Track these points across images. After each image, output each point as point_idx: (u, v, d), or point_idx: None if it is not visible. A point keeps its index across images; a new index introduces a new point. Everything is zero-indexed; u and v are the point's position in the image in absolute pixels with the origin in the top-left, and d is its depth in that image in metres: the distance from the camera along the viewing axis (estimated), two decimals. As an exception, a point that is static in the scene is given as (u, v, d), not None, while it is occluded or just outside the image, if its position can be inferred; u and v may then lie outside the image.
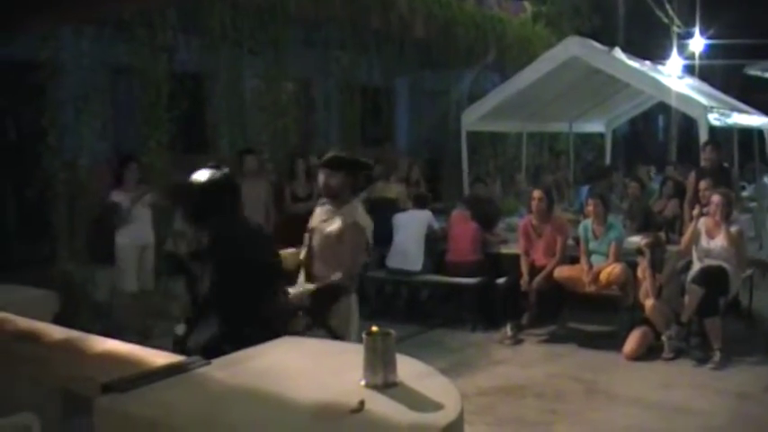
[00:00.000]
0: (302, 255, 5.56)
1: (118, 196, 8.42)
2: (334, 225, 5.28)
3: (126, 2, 6.73)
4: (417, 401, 2.47)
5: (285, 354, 3.10)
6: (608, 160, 16.01)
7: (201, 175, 4.41)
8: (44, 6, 5.38)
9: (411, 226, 9.49)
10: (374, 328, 2.66)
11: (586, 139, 17.33)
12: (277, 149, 10.95)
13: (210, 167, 4.47)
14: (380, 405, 2.43)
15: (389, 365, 2.61)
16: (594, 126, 15.95)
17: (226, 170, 4.51)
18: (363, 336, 2.66)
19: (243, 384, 2.73)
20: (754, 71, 18.39)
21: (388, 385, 2.58)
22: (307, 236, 5.56)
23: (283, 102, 11.09)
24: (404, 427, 2.31)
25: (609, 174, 13.57)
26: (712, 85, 15.01)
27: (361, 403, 2.39)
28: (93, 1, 5.82)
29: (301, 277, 5.46)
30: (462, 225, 9.44)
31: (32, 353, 3.58)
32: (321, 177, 5.41)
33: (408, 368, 2.72)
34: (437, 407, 2.41)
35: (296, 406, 2.50)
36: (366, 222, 5.36)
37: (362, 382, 2.62)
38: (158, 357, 3.18)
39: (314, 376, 2.78)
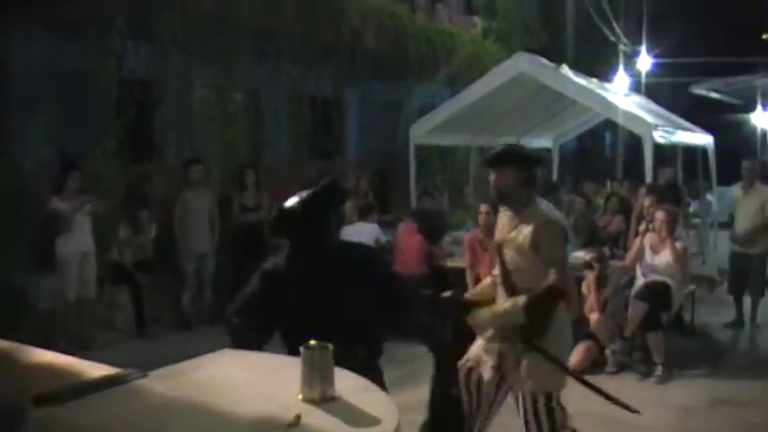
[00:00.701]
0: (494, 271, 4.85)
1: (59, 204, 8.32)
2: (522, 235, 4.47)
3: (77, 5, 6.68)
4: (354, 416, 2.46)
5: (225, 366, 3.07)
6: (555, 176, 16.16)
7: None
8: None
9: (357, 239, 9.49)
10: (312, 342, 2.66)
11: (535, 154, 17.45)
12: (225, 160, 10.90)
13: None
14: (317, 419, 2.42)
15: (327, 379, 2.60)
16: (542, 141, 16.06)
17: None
18: (301, 349, 2.65)
19: (181, 397, 2.69)
20: (699, 90, 18.76)
21: (325, 399, 2.57)
22: (492, 251, 5.02)
23: (232, 112, 11.04)
24: None
25: (555, 189, 13.72)
26: (659, 103, 15.21)
27: (298, 417, 2.38)
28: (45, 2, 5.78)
29: (500, 298, 4.67)
30: (409, 238, 9.47)
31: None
32: (490, 179, 4.62)
33: (346, 382, 2.71)
34: (374, 421, 2.40)
35: (232, 419, 2.47)
36: (557, 216, 4.72)
37: (300, 396, 2.60)
38: (96, 369, 3.12)
39: (252, 389, 2.75)
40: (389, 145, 13.97)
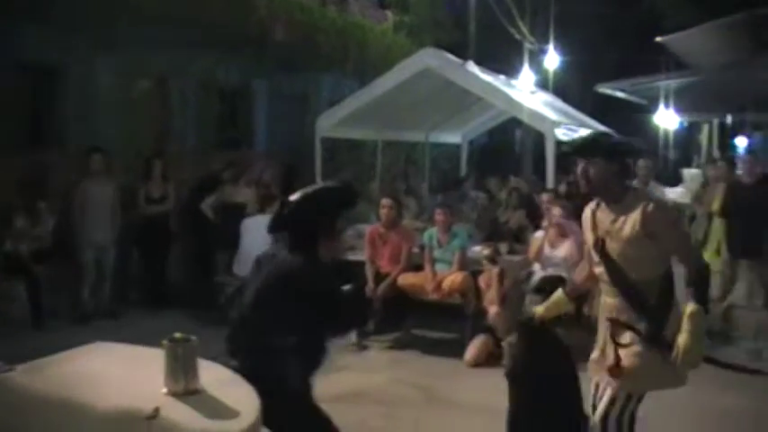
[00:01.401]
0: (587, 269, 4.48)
1: None
2: (628, 225, 4.07)
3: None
4: (215, 408, 2.49)
5: (95, 360, 3.06)
6: (463, 171, 16.33)
7: None
8: None
9: (257, 231, 9.45)
10: (177, 335, 2.66)
11: (443, 149, 17.64)
12: (129, 149, 10.74)
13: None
14: (177, 412, 2.44)
15: (191, 372, 2.62)
16: (451, 137, 16.21)
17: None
18: (165, 342, 2.65)
19: (44, 390, 2.69)
20: (604, 89, 19.11)
21: (188, 392, 2.59)
22: (589, 249, 4.35)
23: (138, 100, 10.88)
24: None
25: (460, 184, 13.91)
26: (568, 101, 15.48)
27: (156, 410, 2.39)
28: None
29: (608, 296, 4.28)
30: None
31: None
32: (578, 169, 4.23)
33: (213, 375, 2.75)
34: (233, 414, 2.44)
35: (93, 412, 2.48)
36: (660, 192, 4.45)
37: (164, 390, 2.60)
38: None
39: (118, 382, 2.75)
40: (298, 137, 13.93)
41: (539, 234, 8.80)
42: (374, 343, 8.65)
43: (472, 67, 11.31)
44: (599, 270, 4.29)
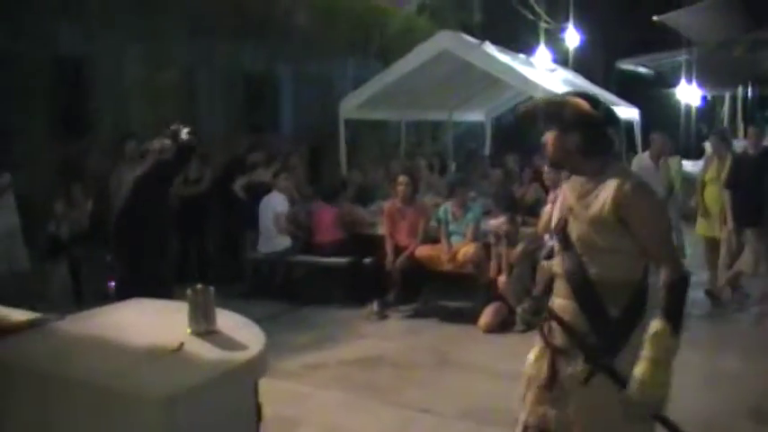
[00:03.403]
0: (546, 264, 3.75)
1: None
2: (597, 204, 3.23)
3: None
4: (229, 344, 3.03)
5: (131, 311, 3.64)
6: (487, 149, 16.70)
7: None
8: None
9: (266, 209, 10.04)
10: (198, 286, 3.17)
11: (468, 127, 18.01)
12: (160, 135, 11.22)
13: None
14: (198, 346, 2.99)
15: (209, 316, 3.15)
16: (474, 115, 16.57)
17: None
18: (188, 292, 3.16)
19: (89, 334, 3.25)
20: (625, 65, 19.41)
21: (208, 332, 3.12)
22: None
23: (165, 88, 11.36)
24: (212, 360, 2.88)
25: (481, 161, 14.34)
26: (592, 78, 15.72)
27: (181, 344, 2.93)
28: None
29: (559, 296, 3.47)
30: (323, 207, 10.08)
31: None
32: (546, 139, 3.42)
33: (230, 320, 3.29)
34: (243, 348, 2.95)
35: (130, 347, 3.01)
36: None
37: (188, 331, 3.11)
38: (21, 315, 3.63)
39: (151, 327, 3.32)
40: (322, 120, 14.33)
41: (547, 208, 9.20)
42: (394, 313, 9.10)
43: (489, 47, 11.62)
44: (557, 258, 3.48)
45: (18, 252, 8.95)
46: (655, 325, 3.02)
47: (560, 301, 3.40)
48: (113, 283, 5.75)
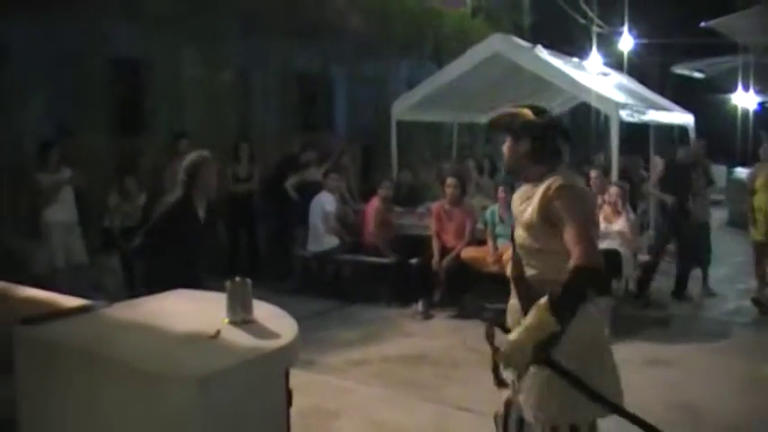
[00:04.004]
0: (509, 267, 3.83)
1: (41, 177, 8.93)
2: (529, 208, 3.53)
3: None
4: (263, 333, 3.20)
5: (174, 300, 3.83)
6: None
7: None
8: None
9: (316, 208, 10.23)
10: (236, 278, 3.34)
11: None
12: (215, 135, 11.48)
13: None
14: (234, 334, 3.17)
15: (246, 307, 3.34)
16: (528, 118, 16.49)
17: None
18: (226, 283, 3.33)
19: (134, 320, 3.46)
20: (681, 70, 19.25)
21: (245, 322, 3.31)
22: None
23: (220, 88, 11.60)
24: (245, 346, 3.06)
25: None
26: (646, 84, 15.64)
27: (217, 332, 3.10)
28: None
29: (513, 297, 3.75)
30: (371, 207, 10.30)
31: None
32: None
33: (266, 311, 3.47)
34: (276, 337, 3.12)
35: (171, 333, 3.20)
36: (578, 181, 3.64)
37: (226, 320, 3.28)
38: (71, 301, 3.84)
39: (191, 315, 3.50)
40: (375, 120, 14.46)
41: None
42: (439, 312, 9.23)
43: (540, 51, 11.64)
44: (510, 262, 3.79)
45: (75, 245, 9.25)
46: (542, 300, 3.19)
47: (512, 302, 3.71)
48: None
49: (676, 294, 10.11)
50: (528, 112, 3.61)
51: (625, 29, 16.67)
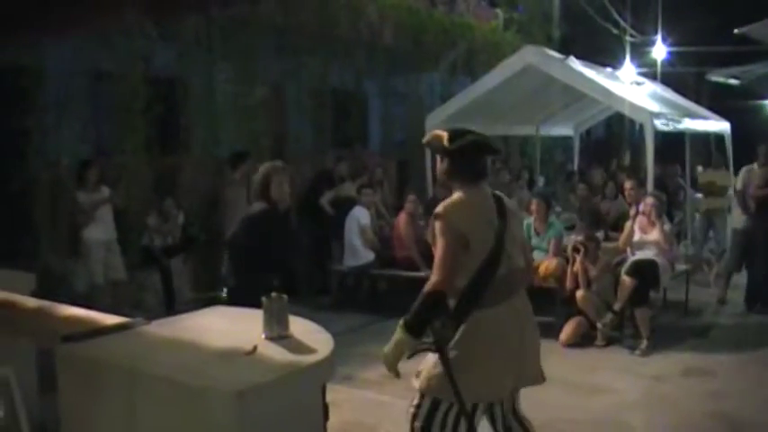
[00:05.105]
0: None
1: (80, 196, 9.06)
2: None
3: (105, 17, 7.32)
4: (299, 348, 3.26)
5: (212, 317, 3.92)
6: (576, 163, 16.65)
7: None
8: (32, 21, 6.06)
9: (351, 223, 10.27)
10: (273, 294, 3.38)
11: (557, 142, 17.97)
12: (250, 152, 11.55)
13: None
14: (270, 350, 3.23)
15: (282, 322, 3.39)
16: (562, 129, 16.48)
17: None
18: (263, 300, 3.37)
19: (173, 336, 3.54)
20: (716, 77, 19.09)
21: (281, 337, 3.36)
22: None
23: (255, 106, 11.68)
24: (281, 361, 3.12)
25: (571, 176, 14.35)
26: (681, 92, 15.57)
27: (254, 348, 3.16)
28: (76, 17, 6.46)
29: None
30: (403, 222, 10.30)
31: (9, 317, 4.29)
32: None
33: (303, 326, 3.53)
34: (312, 352, 3.16)
35: (208, 349, 3.26)
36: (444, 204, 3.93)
37: (263, 336, 3.33)
38: (111, 318, 3.92)
39: (229, 331, 3.56)
40: (410, 135, 14.47)
41: (628, 223, 9.18)
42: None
43: (573, 62, 11.62)
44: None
45: (115, 262, 9.37)
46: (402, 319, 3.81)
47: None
48: (225, 291, 6.02)
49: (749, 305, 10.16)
50: (444, 136, 3.96)
51: (658, 37, 16.62)
